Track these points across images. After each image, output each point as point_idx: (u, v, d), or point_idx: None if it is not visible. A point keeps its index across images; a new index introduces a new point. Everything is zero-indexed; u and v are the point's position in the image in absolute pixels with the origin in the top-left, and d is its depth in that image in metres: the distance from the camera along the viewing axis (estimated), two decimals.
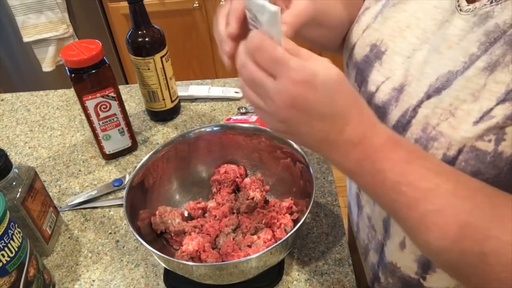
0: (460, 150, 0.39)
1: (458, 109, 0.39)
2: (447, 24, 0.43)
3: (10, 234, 0.53)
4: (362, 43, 0.51)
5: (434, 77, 0.42)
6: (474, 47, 0.39)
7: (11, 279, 0.53)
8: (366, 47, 0.50)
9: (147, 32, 0.82)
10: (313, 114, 0.37)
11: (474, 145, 0.38)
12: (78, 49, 0.73)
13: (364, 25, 0.51)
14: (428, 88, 0.42)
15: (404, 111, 0.43)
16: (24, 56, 1.92)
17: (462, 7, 0.42)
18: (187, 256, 0.59)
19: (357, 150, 0.38)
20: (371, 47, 0.49)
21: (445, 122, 0.39)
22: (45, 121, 0.97)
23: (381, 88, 0.47)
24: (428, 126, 0.41)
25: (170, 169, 0.68)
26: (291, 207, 0.64)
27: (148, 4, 1.59)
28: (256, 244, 0.60)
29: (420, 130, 0.41)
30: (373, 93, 0.48)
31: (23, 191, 0.62)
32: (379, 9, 0.50)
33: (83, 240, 0.70)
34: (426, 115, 0.41)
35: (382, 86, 0.47)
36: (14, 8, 1.72)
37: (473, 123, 0.38)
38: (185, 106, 0.97)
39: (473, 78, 0.38)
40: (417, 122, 0.42)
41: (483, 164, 0.38)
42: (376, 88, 0.48)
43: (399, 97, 0.45)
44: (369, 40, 0.50)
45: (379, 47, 0.48)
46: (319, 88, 0.36)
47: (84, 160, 0.86)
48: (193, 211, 0.67)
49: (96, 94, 0.76)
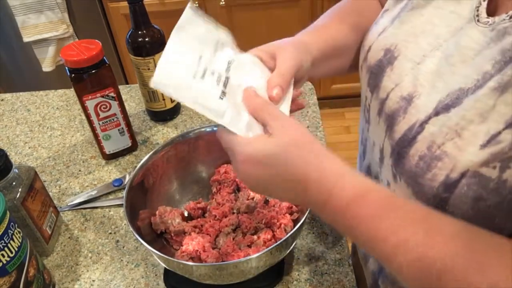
0: (463, 174, 0.37)
1: (465, 130, 0.37)
2: (461, 33, 0.41)
3: (10, 234, 0.53)
4: (377, 47, 0.49)
5: (445, 92, 0.40)
6: (489, 65, 0.37)
7: (11, 279, 0.53)
8: (381, 51, 0.49)
9: (147, 32, 0.82)
10: (272, 183, 0.43)
11: (478, 171, 0.36)
12: (78, 49, 0.73)
13: (381, 28, 0.50)
14: (437, 104, 0.40)
15: (411, 125, 0.42)
16: (24, 56, 1.92)
17: (480, 18, 0.40)
18: (187, 256, 0.59)
19: (326, 209, 0.41)
20: (385, 52, 0.48)
21: (451, 142, 0.38)
22: (45, 121, 0.97)
23: (390, 96, 0.46)
24: (434, 145, 0.39)
25: (170, 169, 0.68)
26: (291, 207, 0.64)
27: (148, 4, 1.58)
28: (256, 244, 0.60)
29: (426, 147, 0.40)
30: (384, 100, 0.47)
31: (23, 191, 0.62)
32: (397, 12, 0.49)
33: (83, 240, 0.70)
34: (432, 133, 0.40)
35: (392, 93, 0.46)
36: (14, 8, 1.72)
37: (480, 146, 0.36)
38: (185, 106, 0.96)
39: (482, 98, 0.36)
40: (423, 139, 0.40)
41: (485, 190, 0.36)
42: (386, 95, 0.46)
43: (407, 108, 0.43)
44: (383, 44, 0.49)
45: (392, 52, 0.47)
46: (263, 162, 0.41)
47: (84, 160, 0.86)
48: (193, 211, 0.67)
49: (96, 94, 0.76)
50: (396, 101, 0.45)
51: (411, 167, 0.41)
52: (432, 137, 0.40)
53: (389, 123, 0.45)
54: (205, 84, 0.44)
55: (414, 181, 0.41)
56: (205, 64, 0.45)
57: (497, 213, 0.36)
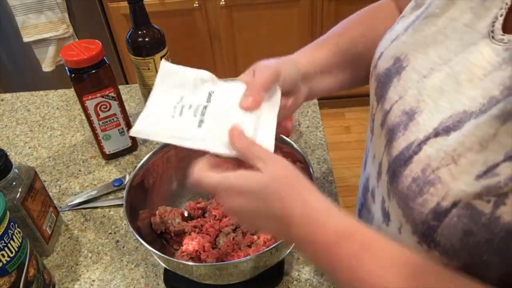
0: (455, 204, 0.35)
1: (462, 157, 0.34)
2: (473, 48, 0.38)
3: (10, 234, 0.53)
4: (388, 55, 0.47)
5: (448, 113, 0.37)
6: (497, 90, 0.34)
7: (11, 279, 0.53)
8: (390, 60, 0.46)
9: (147, 32, 0.82)
10: (255, 215, 0.43)
11: (471, 203, 0.34)
12: (78, 49, 0.73)
13: (395, 35, 0.48)
14: (438, 125, 0.37)
15: (409, 143, 0.40)
16: (24, 56, 1.92)
17: (495, 35, 0.37)
18: (187, 256, 0.59)
19: (308, 247, 0.41)
20: (394, 60, 0.46)
21: (446, 168, 0.35)
22: (45, 121, 0.97)
23: (393, 108, 0.44)
24: (428, 168, 0.37)
25: (170, 169, 0.68)
26: None
27: (148, 4, 1.58)
28: (256, 244, 0.60)
29: (420, 170, 0.38)
30: (387, 112, 0.45)
31: (23, 191, 0.62)
32: (412, 19, 0.46)
33: (83, 240, 0.70)
34: (429, 155, 0.37)
35: (395, 106, 0.43)
36: (14, 8, 1.72)
37: (475, 177, 0.33)
38: None
39: (483, 125, 0.33)
40: (419, 160, 0.38)
41: (476, 224, 0.34)
42: (390, 107, 0.44)
43: (408, 124, 0.41)
44: (394, 52, 0.46)
45: (401, 61, 0.45)
46: (248, 196, 0.42)
47: (84, 160, 0.86)
48: (193, 211, 0.67)
49: (96, 94, 0.76)
50: (398, 114, 0.43)
51: (403, 189, 0.39)
52: (428, 160, 0.37)
53: (389, 137, 0.43)
54: (182, 119, 0.47)
55: (405, 204, 0.39)
56: (184, 102, 0.48)
57: (486, 250, 0.34)
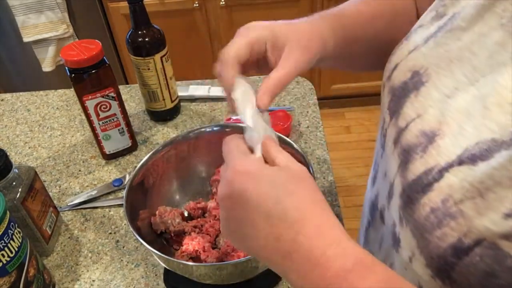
0: (478, 242, 0.31)
1: (490, 191, 0.31)
2: (503, 70, 0.34)
3: (10, 234, 0.53)
4: (405, 66, 0.43)
5: (474, 140, 0.33)
6: None
7: (11, 279, 0.53)
8: (408, 72, 0.42)
9: (147, 32, 0.82)
10: (253, 207, 0.34)
11: (496, 243, 0.30)
12: (78, 49, 0.73)
13: (412, 46, 0.44)
14: (463, 152, 0.33)
15: (429, 168, 0.36)
16: (24, 56, 1.92)
17: None
18: (187, 256, 0.59)
19: (315, 272, 0.32)
20: (412, 74, 0.42)
21: (471, 201, 0.32)
22: (45, 121, 0.97)
23: (410, 127, 0.40)
24: (450, 199, 0.33)
25: (170, 169, 0.68)
26: None
27: (148, 4, 1.59)
28: None
29: (440, 200, 0.34)
30: (402, 130, 0.41)
31: (23, 191, 0.62)
32: (433, 31, 0.42)
33: (83, 240, 0.70)
34: (451, 185, 0.33)
35: (412, 124, 0.39)
36: (14, 8, 1.72)
37: (504, 215, 0.30)
38: (185, 106, 0.97)
39: None
40: (439, 189, 0.34)
41: (500, 267, 0.31)
42: (406, 124, 0.40)
43: (427, 147, 0.37)
44: (412, 65, 0.42)
45: (420, 76, 0.41)
46: (263, 181, 0.34)
47: (84, 160, 0.86)
48: (193, 211, 0.67)
49: (96, 94, 0.76)
50: (415, 134, 0.39)
51: (420, 218, 0.36)
52: (450, 190, 0.33)
53: (404, 158, 0.39)
54: None
55: (421, 234, 0.36)
56: None
57: None
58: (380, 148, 0.48)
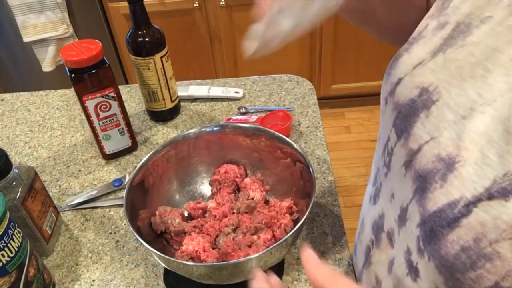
0: None
1: None
2: None
3: (10, 234, 0.53)
4: (411, 83, 0.40)
5: (501, 171, 0.30)
6: None
7: (11, 279, 0.53)
8: (415, 89, 0.40)
9: (147, 32, 0.82)
10: None
11: None
12: (78, 49, 0.73)
13: (417, 60, 0.41)
14: (491, 185, 0.30)
15: (453, 201, 0.32)
16: (24, 56, 1.92)
17: None
18: (187, 256, 0.59)
19: None
20: (420, 91, 0.39)
21: (508, 242, 0.29)
22: (45, 121, 0.97)
23: (423, 150, 0.37)
24: (484, 239, 0.30)
25: (170, 169, 0.68)
26: (291, 207, 0.64)
27: (148, 4, 1.59)
28: (256, 244, 0.60)
29: (472, 239, 0.31)
30: (414, 153, 0.38)
31: (23, 191, 0.62)
32: (438, 43, 0.40)
33: (83, 240, 0.70)
34: (483, 222, 0.30)
35: (425, 147, 0.37)
36: (14, 8, 1.72)
37: None
38: (185, 106, 0.97)
39: None
40: (469, 226, 0.31)
41: None
42: (418, 147, 0.38)
43: (447, 175, 0.34)
44: (420, 81, 0.39)
45: (430, 94, 0.38)
46: None
47: (84, 160, 0.86)
48: (193, 211, 0.67)
49: (96, 94, 0.76)
50: (431, 159, 0.36)
51: (448, 255, 0.33)
52: (482, 228, 0.30)
53: (421, 185, 0.36)
54: None
55: (451, 274, 0.33)
56: None
57: None
58: (384, 166, 0.45)
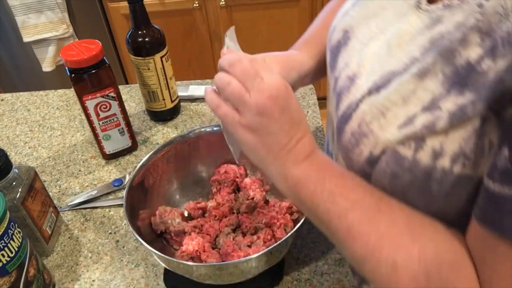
0: (383, 151, 0.40)
1: (389, 111, 0.40)
2: (404, 19, 0.42)
3: (10, 234, 0.53)
4: (339, 28, 0.51)
5: (379, 74, 0.42)
6: (418, 51, 0.39)
7: (11, 279, 0.53)
8: (340, 32, 0.51)
9: (147, 32, 0.82)
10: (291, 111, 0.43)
11: (395, 149, 0.39)
12: (78, 49, 0.73)
13: (345, 10, 0.52)
14: (372, 85, 0.42)
15: (350, 103, 0.45)
16: (24, 56, 1.92)
17: (421, 5, 0.41)
18: (187, 256, 0.59)
19: (307, 160, 0.43)
20: (343, 33, 0.50)
21: (376, 121, 0.41)
22: (45, 121, 0.97)
23: (341, 75, 0.48)
24: (363, 122, 0.42)
25: (170, 169, 0.68)
26: (291, 207, 0.64)
27: (148, 4, 1.59)
28: (256, 244, 0.60)
29: (357, 124, 0.43)
30: (337, 79, 0.49)
31: (23, 191, 0.62)
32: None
33: (83, 240, 0.70)
34: (364, 111, 0.42)
35: (342, 72, 0.48)
36: (14, 8, 1.72)
37: (398, 127, 0.39)
38: (185, 106, 0.97)
39: (405, 83, 0.39)
40: (356, 117, 0.43)
41: (401, 168, 0.39)
42: (338, 73, 0.49)
43: (350, 87, 0.46)
44: (343, 26, 0.51)
45: (348, 33, 0.49)
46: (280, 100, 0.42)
47: (84, 160, 0.86)
48: (193, 211, 0.67)
49: (96, 94, 0.76)
50: (343, 79, 0.47)
51: (345, 143, 0.44)
52: (363, 115, 0.42)
53: (337, 101, 0.48)
54: None
55: (346, 155, 0.45)
56: None
57: (410, 191, 0.40)
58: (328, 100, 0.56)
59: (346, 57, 0.48)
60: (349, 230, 0.40)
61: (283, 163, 0.43)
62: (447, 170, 0.37)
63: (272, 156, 0.43)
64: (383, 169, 0.41)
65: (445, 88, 0.36)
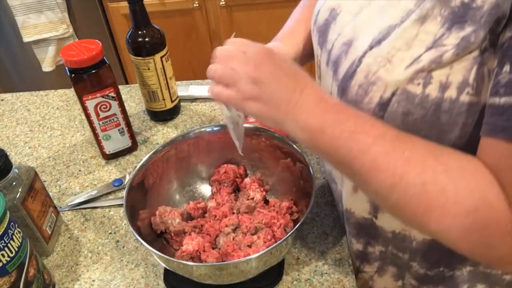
0: (393, 93, 0.44)
1: (394, 57, 0.43)
2: None
3: (10, 234, 0.53)
4: (324, 9, 0.55)
5: (377, 31, 0.46)
6: (412, 4, 0.43)
7: (11, 279, 0.53)
8: (327, 12, 0.55)
9: (147, 32, 0.82)
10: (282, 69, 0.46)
11: (405, 88, 0.43)
12: (78, 49, 0.73)
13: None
14: (372, 41, 0.46)
15: (352, 62, 0.48)
16: (24, 56, 1.92)
17: None
18: (187, 256, 0.59)
19: (319, 107, 0.45)
20: (330, 11, 0.54)
21: (383, 68, 0.44)
22: (45, 121, 0.97)
23: (335, 45, 0.51)
24: (370, 73, 0.45)
25: (170, 169, 0.68)
26: (291, 207, 0.64)
27: (148, 4, 1.58)
28: (256, 244, 0.60)
29: (363, 76, 0.46)
30: (330, 50, 0.52)
31: (23, 191, 0.62)
32: None
33: (83, 240, 0.70)
34: (368, 64, 0.45)
35: (336, 42, 0.51)
36: (14, 8, 1.72)
37: (405, 67, 0.42)
38: (185, 106, 0.97)
39: (407, 29, 0.43)
40: (361, 71, 0.46)
41: (412, 105, 0.43)
42: (332, 45, 0.52)
43: (348, 50, 0.49)
44: (329, 6, 0.54)
45: (336, 10, 0.53)
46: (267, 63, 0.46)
47: (84, 160, 0.86)
48: (193, 211, 0.67)
49: (96, 94, 0.76)
50: (339, 47, 0.51)
51: (352, 97, 0.47)
52: (368, 67, 0.45)
53: (335, 68, 0.51)
54: None
55: (356, 108, 0.47)
56: None
57: (423, 126, 0.44)
58: (318, 80, 0.59)
59: (337, 29, 0.52)
60: (375, 162, 0.42)
61: (295, 117, 0.45)
62: (454, 100, 0.42)
63: (282, 114, 0.46)
64: (395, 110, 0.44)
65: (446, 28, 0.40)
